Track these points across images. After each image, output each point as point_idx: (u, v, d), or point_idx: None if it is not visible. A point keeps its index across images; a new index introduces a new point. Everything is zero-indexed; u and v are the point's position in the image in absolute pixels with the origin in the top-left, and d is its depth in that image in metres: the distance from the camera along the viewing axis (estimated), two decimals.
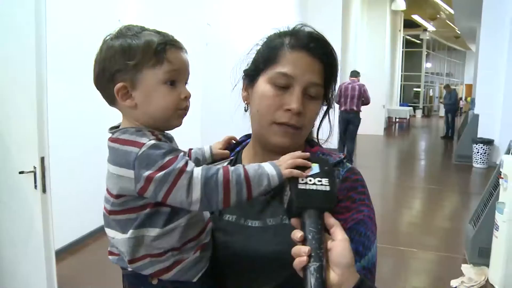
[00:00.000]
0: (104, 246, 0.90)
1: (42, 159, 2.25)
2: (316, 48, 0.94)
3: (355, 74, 8.46)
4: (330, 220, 0.75)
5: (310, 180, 0.77)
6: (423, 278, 4.18)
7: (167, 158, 0.84)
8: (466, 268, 3.92)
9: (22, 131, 2.31)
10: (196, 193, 0.83)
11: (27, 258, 2.40)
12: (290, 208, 0.77)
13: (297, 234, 0.73)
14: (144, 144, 0.86)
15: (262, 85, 0.95)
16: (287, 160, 0.83)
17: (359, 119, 8.26)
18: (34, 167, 2.23)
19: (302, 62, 0.93)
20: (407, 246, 4.76)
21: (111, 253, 0.97)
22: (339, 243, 0.73)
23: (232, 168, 0.84)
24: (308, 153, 0.83)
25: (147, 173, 0.83)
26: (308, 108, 0.95)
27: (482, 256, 3.91)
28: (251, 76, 1.00)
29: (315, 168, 0.78)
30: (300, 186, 0.76)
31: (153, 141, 0.87)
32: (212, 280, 0.99)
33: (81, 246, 4.24)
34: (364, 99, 8.19)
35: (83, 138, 4.21)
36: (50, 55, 2.37)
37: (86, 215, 3.85)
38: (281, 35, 0.98)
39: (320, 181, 0.76)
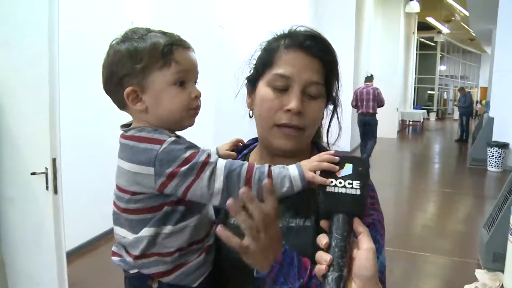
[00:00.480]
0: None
1: (54, 160, 2.26)
2: (312, 46, 0.93)
3: (369, 79, 8.95)
4: (359, 227, 0.72)
5: (340, 183, 0.73)
6: (436, 283, 4.13)
7: (189, 152, 0.85)
8: (480, 273, 3.87)
9: (34, 133, 2.32)
10: (219, 184, 0.83)
11: (39, 259, 2.41)
12: (319, 211, 0.74)
13: (322, 240, 0.71)
14: (165, 141, 0.86)
15: (262, 88, 0.95)
16: (312, 162, 0.82)
17: (375, 121, 8.75)
18: (46, 168, 2.24)
19: (299, 61, 0.93)
20: (420, 250, 4.71)
21: (114, 254, 0.97)
22: (364, 252, 0.70)
23: (258, 165, 0.84)
24: (337, 157, 0.79)
25: (170, 169, 0.84)
26: (309, 107, 0.93)
27: (496, 262, 3.85)
28: (252, 81, 1.00)
29: (348, 168, 0.74)
30: (329, 189, 0.73)
31: (173, 138, 0.87)
32: (212, 285, 0.97)
33: (93, 248, 4.26)
34: (378, 101, 8.63)
35: (95, 140, 4.23)
36: (62, 57, 2.38)
37: (98, 217, 3.86)
38: (277, 38, 0.98)
39: (351, 183, 0.73)
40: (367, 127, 8.69)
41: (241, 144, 1.15)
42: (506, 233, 3.56)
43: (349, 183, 0.73)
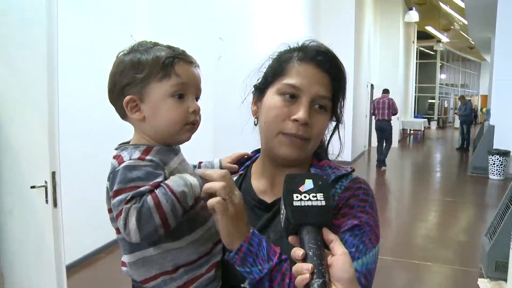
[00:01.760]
0: (116, 260, 0.91)
1: (53, 174, 2.26)
2: (324, 61, 0.96)
3: (385, 91, 10.60)
4: (329, 235, 0.74)
5: (305, 196, 0.75)
6: None
7: (123, 186, 0.84)
8: (482, 282, 3.85)
9: (33, 146, 2.33)
10: (133, 228, 0.81)
11: (38, 272, 2.41)
12: (287, 226, 0.75)
13: (297, 252, 0.72)
14: (123, 161, 0.87)
15: (270, 96, 0.97)
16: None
17: (390, 126, 10.46)
18: (45, 182, 2.24)
19: (310, 74, 0.95)
20: (422, 260, 4.69)
21: (123, 264, 0.97)
22: (339, 257, 0.71)
23: (157, 190, 0.83)
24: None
25: (112, 190, 0.85)
26: (316, 119, 0.95)
27: (499, 270, 3.83)
28: (260, 89, 1.02)
29: (309, 183, 0.77)
30: (295, 204, 0.75)
31: (131, 162, 0.87)
32: None
33: (93, 261, 4.25)
34: (392, 110, 10.24)
35: (95, 153, 4.23)
36: (62, 70, 2.39)
37: (98, 230, 3.86)
38: (291, 50, 1.00)
39: (315, 196, 0.75)
40: (383, 131, 10.37)
41: (246, 157, 1.15)
42: (508, 241, 3.54)
43: (313, 196, 0.75)
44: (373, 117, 10.67)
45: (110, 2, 4.55)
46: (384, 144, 10.43)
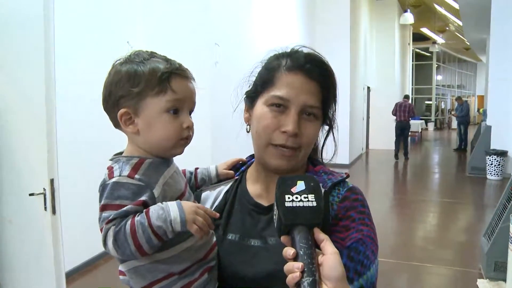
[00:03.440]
0: (115, 267, 0.92)
1: (52, 181, 2.26)
2: (312, 69, 0.95)
3: (406, 97, 13.05)
4: (320, 235, 0.75)
5: (297, 197, 0.77)
6: None
7: (111, 202, 0.87)
8: (482, 283, 3.85)
9: (31, 154, 2.33)
10: (110, 246, 0.86)
11: (37, 280, 2.41)
12: (279, 226, 0.77)
13: (289, 251, 0.73)
14: (113, 177, 0.89)
15: (260, 107, 0.97)
16: (191, 211, 0.87)
17: (409, 125, 12.72)
18: (44, 189, 2.24)
19: (297, 84, 0.95)
20: (421, 261, 4.70)
21: (121, 273, 0.97)
22: (329, 256, 0.73)
23: (138, 217, 0.85)
24: (216, 213, 0.95)
25: (100, 204, 0.88)
26: (305, 128, 0.95)
27: (498, 271, 3.83)
28: (251, 98, 1.02)
29: (301, 185, 0.79)
30: (287, 204, 0.76)
31: (120, 179, 0.89)
32: None
33: (92, 268, 4.24)
34: (412, 113, 12.40)
35: (93, 159, 4.23)
36: (60, 77, 2.40)
37: (97, 237, 3.84)
38: (278, 56, 1.00)
39: (307, 197, 0.77)
40: (403, 129, 12.41)
41: (241, 162, 1.16)
42: (506, 241, 3.54)
43: (304, 197, 0.77)
44: (394, 117, 12.64)
45: (107, 9, 4.56)
46: (403, 140, 12.57)
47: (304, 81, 0.95)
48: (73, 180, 3.66)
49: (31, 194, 2.25)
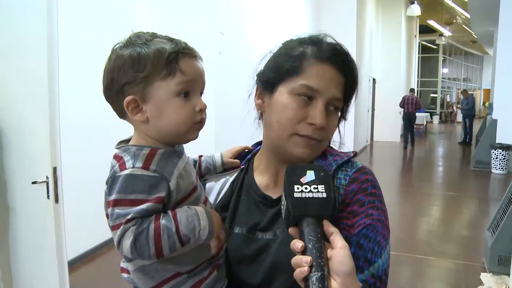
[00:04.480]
0: (118, 255, 0.88)
1: (55, 169, 2.25)
2: (341, 62, 0.93)
3: (412, 90, 14.30)
4: (330, 228, 0.73)
5: (306, 188, 0.74)
6: (441, 287, 4.11)
7: (129, 197, 0.80)
8: (485, 277, 3.84)
9: (34, 142, 2.32)
10: (126, 247, 0.79)
11: (40, 268, 2.41)
12: (287, 218, 0.74)
13: (297, 244, 0.71)
14: (125, 168, 0.82)
15: (284, 95, 0.92)
16: (217, 222, 0.87)
17: (415, 117, 13.92)
18: (47, 177, 2.23)
19: (327, 75, 0.91)
20: (424, 254, 4.69)
21: (123, 270, 0.94)
22: (338, 250, 0.70)
23: (164, 221, 0.80)
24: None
25: (110, 197, 0.82)
26: (329, 121, 0.93)
27: (502, 265, 3.83)
28: (269, 84, 0.95)
29: (310, 175, 0.76)
30: (296, 195, 0.73)
31: (134, 170, 0.82)
32: None
33: (95, 256, 4.25)
34: (418, 105, 13.56)
35: (96, 148, 4.23)
36: (62, 65, 2.38)
37: (99, 225, 3.86)
38: (302, 43, 0.95)
39: (316, 188, 0.74)
40: (410, 120, 13.58)
41: (247, 151, 1.12)
42: (510, 236, 3.54)
43: (314, 188, 0.74)
44: (402, 109, 13.66)
45: None
46: (410, 129, 13.74)
47: (334, 73, 0.92)
48: (76, 169, 3.65)
49: (34, 182, 2.24)
